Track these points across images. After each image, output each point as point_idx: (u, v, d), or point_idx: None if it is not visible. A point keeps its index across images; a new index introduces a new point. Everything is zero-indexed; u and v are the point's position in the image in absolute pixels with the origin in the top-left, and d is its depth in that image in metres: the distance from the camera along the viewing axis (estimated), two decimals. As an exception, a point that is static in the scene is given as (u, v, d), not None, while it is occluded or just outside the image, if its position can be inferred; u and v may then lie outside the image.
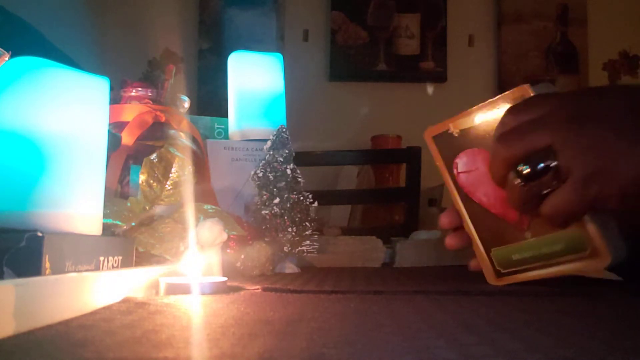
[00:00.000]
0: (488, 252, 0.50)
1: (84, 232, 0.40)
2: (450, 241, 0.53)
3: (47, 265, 0.33)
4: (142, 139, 0.68)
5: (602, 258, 0.41)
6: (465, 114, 0.51)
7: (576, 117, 0.40)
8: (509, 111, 0.44)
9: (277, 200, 0.66)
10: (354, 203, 1.88)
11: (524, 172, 0.41)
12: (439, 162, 0.53)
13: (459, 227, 0.53)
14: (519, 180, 0.42)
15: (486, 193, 0.49)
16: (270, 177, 0.67)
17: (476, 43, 2.43)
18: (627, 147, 0.38)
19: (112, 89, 0.44)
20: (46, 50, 1.04)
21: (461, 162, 0.51)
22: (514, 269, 0.48)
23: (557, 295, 0.42)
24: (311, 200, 0.68)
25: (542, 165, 0.40)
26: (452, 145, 0.52)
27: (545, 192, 0.41)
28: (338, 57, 2.38)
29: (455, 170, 0.51)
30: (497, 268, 0.49)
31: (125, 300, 0.35)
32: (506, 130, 0.43)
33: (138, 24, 2.30)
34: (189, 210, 0.54)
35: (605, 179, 0.38)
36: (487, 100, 0.50)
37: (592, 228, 0.41)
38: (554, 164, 0.40)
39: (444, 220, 0.53)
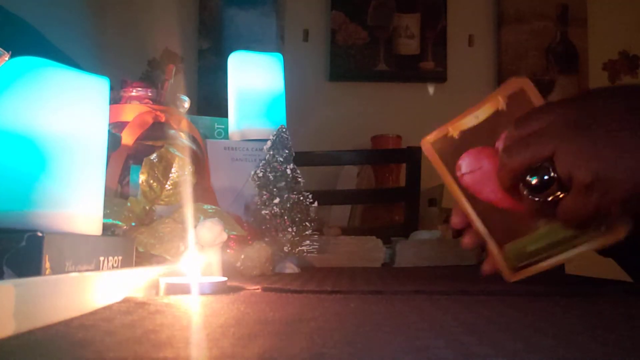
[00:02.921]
0: (501, 248, 0.50)
1: (84, 232, 0.40)
2: (467, 240, 0.52)
3: (47, 265, 0.33)
4: (142, 139, 0.68)
5: (619, 231, 0.43)
6: (464, 114, 0.51)
7: (577, 125, 0.41)
8: (513, 123, 0.45)
9: (277, 200, 0.66)
10: (354, 203, 1.88)
11: (532, 183, 0.43)
12: (440, 168, 0.52)
13: (470, 226, 0.52)
14: (526, 192, 0.43)
15: (493, 190, 0.49)
16: (270, 177, 0.67)
17: (476, 43, 2.42)
18: (627, 154, 0.39)
19: (112, 89, 0.44)
20: (46, 50, 1.04)
21: (464, 163, 0.50)
22: (530, 261, 0.48)
23: (558, 295, 0.42)
24: (311, 200, 0.68)
25: (546, 177, 0.42)
26: (451, 149, 0.51)
27: (554, 199, 0.42)
28: (338, 57, 2.38)
29: (458, 172, 0.51)
30: (513, 263, 0.49)
31: (125, 300, 0.35)
32: (511, 142, 0.44)
33: (138, 24, 2.30)
34: (189, 210, 0.54)
35: (605, 187, 0.39)
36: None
37: None
38: (555, 175, 0.41)
39: (456, 220, 0.53)
